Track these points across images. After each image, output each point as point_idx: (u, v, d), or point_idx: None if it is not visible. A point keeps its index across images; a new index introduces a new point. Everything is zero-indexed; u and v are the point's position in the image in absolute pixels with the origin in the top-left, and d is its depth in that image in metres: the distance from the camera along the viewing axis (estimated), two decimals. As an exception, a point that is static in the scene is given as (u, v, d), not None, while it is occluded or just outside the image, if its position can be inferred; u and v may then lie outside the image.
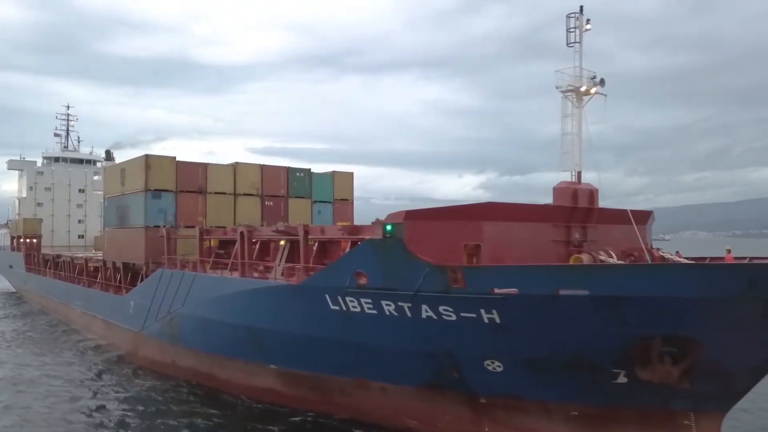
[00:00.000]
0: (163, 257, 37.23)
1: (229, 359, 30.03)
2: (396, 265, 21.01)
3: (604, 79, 23.78)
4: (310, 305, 24.39)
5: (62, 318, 56.27)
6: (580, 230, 24.09)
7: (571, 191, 23.70)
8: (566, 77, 23.67)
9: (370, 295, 22.07)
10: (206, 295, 30.96)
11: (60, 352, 41.34)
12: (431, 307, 20.73)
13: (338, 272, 23.04)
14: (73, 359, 38.90)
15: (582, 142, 23.63)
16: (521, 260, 21.32)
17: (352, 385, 25.31)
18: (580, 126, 23.42)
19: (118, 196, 43.84)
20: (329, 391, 26.08)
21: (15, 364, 37.12)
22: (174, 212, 39.92)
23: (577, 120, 23.46)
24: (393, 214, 21.29)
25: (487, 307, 19.54)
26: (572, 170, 23.97)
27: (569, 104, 23.85)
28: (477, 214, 21.21)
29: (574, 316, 18.53)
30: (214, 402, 28.87)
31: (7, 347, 42.80)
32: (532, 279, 18.69)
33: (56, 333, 49.54)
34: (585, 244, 23.93)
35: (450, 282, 19.80)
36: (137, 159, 40.70)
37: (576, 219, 23.91)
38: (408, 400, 23.91)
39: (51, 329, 51.53)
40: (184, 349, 33.33)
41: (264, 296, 26.62)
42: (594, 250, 22.98)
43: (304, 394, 27.00)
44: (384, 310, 21.98)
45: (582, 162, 23.76)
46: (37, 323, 55.32)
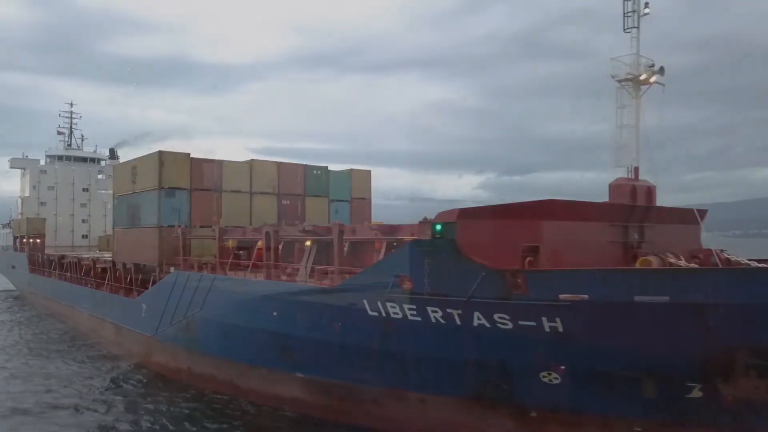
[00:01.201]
0: (178, 258, 35.47)
1: (251, 367, 28.29)
2: (446, 269, 19.29)
3: (664, 68, 22.06)
4: (345, 310, 22.68)
5: (69, 322, 54.48)
6: (637, 230, 22.37)
7: (630, 188, 21.99)
8: (623, 66, 21.94)
9: (415, 300, 20.35)
10: (228, 299, 29.21)
11: (72, 360, 39.29)
12: (485, 315, 19.01)
13: (378, 275, 21.32)
14: (87, 369, 36.82)
15: (639, 136, 21.90)
16: (579, 263, 19.60)
17: (387, 396, 23.59)
18: (638, 118, 21.69)
19: (129, 194, 42.03)
20: (361, 401, 24.35)
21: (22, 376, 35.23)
22: (188, 211, 38.13)
23: (635, 111, 21.73)
24: (444, 212, 19.56)
25: (550, 315, 17.84)
26: (629, 166, 22.23)
27: (625, 95, 22.11)
28: (536, 213, 19.46)
29: (650, 325, 16.82)
30: (234, 411, 27.14)
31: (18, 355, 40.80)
32: (604, 285, 16.97)
33: (66, 341, 47.40)
34: (643, 245, 22.21)
35: (510, 287, 18.08)
36: (150, 156, 38.89)
37: (634, 218, 22.20)
38: (448, 412, 22.20)
39: (61, 336, 49.50)
40: (201, 355, 31.58)
41: (293, 300, 24.89)
42: (653, 251, 21.26)
43: (333, 404, 25.27)
44: (429, 317, 20.27)
45: (639, 158, 21.99)
46: (46, 327, 53.43)
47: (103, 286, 47.69)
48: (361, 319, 22.06)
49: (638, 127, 21.89)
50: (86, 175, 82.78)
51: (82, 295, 51.40)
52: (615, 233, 21.73)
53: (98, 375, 34.87)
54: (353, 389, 24.32)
